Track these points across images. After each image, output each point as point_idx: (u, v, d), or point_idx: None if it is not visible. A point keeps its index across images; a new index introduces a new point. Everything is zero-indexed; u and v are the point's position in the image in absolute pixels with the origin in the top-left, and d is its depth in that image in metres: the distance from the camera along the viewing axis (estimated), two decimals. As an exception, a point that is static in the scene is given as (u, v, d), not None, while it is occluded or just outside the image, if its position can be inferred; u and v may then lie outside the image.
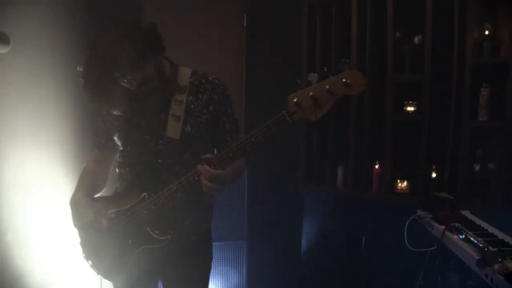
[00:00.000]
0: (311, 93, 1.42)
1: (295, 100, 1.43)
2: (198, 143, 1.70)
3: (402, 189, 2.99)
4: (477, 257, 1.83)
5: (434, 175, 2.90)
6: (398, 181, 3.00)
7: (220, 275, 3.18)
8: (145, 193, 1.67)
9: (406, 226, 2.32)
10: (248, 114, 3.41)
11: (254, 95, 3.41)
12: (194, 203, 1.74)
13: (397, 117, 2.95)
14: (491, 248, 1.91)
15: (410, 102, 2.93)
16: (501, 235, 2.12)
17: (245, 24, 3.35)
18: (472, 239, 2.05)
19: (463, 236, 2.08)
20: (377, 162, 3.02)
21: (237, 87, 3.39)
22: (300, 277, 3.46)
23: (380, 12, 2.92)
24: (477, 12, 2.75)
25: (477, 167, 2.79)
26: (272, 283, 3.41)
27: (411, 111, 2.93)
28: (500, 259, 1.77)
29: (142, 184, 1.69)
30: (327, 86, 1.41)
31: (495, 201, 2.72)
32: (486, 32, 2.75)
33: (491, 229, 2.20)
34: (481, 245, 1.97)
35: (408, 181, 2.99)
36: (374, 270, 3.02)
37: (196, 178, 1.54)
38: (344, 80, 1.40)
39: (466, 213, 2.47)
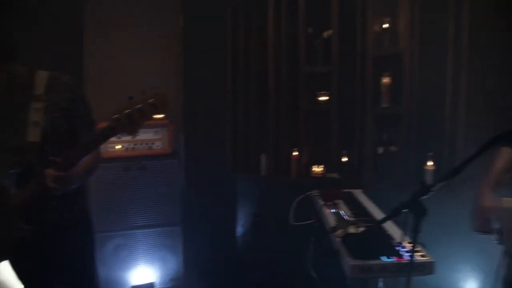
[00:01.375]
0: (127, 111, 1.60)
1: (115, 116, 1.60)
2: (57, 143, 1.82)
3: (317, 173, 3.20)
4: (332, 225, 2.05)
5: (345, 159, 3.12)
6: (314, 166, 3.21)
7: (158, 260, 3.36)
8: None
9: (294, 204, 2.54)
10: (187, 110, 3.64)
11: (193, 92, 3.64)
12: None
13: (311, 107, 3.17)
14: (348, 218, 2.14)
15: (323, 92, 3.14)
16: (375, 210, 2.32)
17: (181, 25, 3.57)
18: (341, 212, 2.27)
19: (335, 210, 2.30)
20: (295, 149, 3.23)
21: (175, 87, 3.60)
22: (236, 259, 3.69)
23: (293, 10, 3.14)
24: (378, 7, 2.97)
25: (380, 150, 3.01)
26: (208, 266, 3.64)
27: (324, 101, 3.15)
28: (347, 226, 2.00)
29: None
30: (138, 106, 1.61)
31: (399, 181, 2.92)
32: (386, 26, 2.97)
33: (368, 205, 2.41)
34: (345, 217, 2.19)
35: (323, 165, 3.20)
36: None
37: (42, 181, 1.67)
38: (150, 101, 1.60)
39: (358, 191, 2.69)
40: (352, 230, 1.95)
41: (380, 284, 2.02)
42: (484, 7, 2.80)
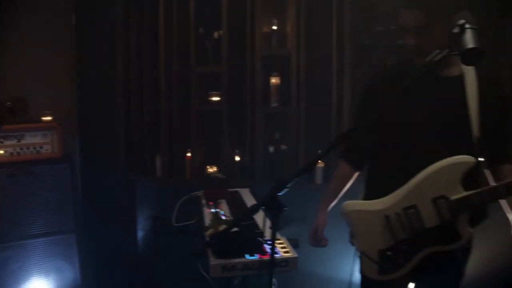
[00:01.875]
0: None
1: None
2: None
3: (212, 173, 3.19)
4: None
5: (237, 158, 3.13)
6: (208, 166, 3.20)
7: (53, 271, 3.12)
8: None
9: (177, 205, 2.50)
10: (81, 112, 3.47)
11: (86, 93, 3.46)
12: None
13: (204, 107, 3.15)
14: (225, 217, 2.14)
15: (214, 92, 3.14)
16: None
17: (73, 23, 3.39)
18: (221, 211, 2.28)
19: (214, 210, 2.30)
20: (189, 150, 3.20)
21: (68, 87, 3.42)
22: (137, 264, 3.59)
23: (184, 10, 3.10)
24: (266, 9, 3.02)
25: (271, 149, 3.06)
26: (108, 273, 3.50)
27: (216, 101, 3.14)
28: (219, 225, 2.00)
29: None
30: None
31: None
32: (274, 27, 3.02)
33: (250, 204, 2.43)
34: (223, 217, 2.19)
35: (217, 166, 3.20)
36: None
37: None
38: (7, 105, 1.56)
39: (245, 191, 2.71)
40: (220, 227, 1.96)
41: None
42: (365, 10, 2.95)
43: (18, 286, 3.02)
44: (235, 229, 1.98)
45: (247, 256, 1.78)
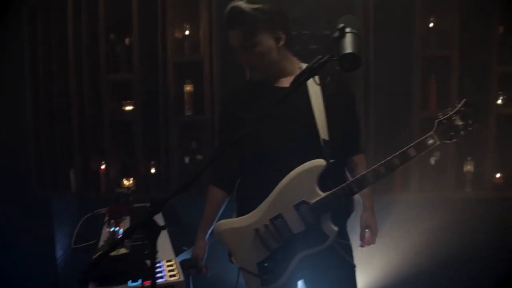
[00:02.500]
0: None
1: None
2: None
3: (128, 186, 3.04)
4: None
5: (153, 170, 3.00)
6: (124, 179, 3.05)
7: None
8: None
9: (78, 225, 2.35)
10: None
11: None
12: None
13: (117, 117, 3.00)
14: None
15: (127, 101, 3.00)
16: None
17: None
18: (120, 230, 2.14)
19: (113, 229, 2.15)
20: (103, 162, 3.04)
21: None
22: (57, 283, 3.39)
23: (94, 15, 2.95)
24: (178, 14, 2.91)
25: (186, 160, 2.94)
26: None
27: (129, 110, 3.00)
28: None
29: None
30: None
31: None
32: (187, 32, 2.92)
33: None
34: (115, 236, 2.06)
35: (133, 178, 3.05)
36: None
37: None
38: None
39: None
40: (114, 252, 1.81)
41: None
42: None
43: None
44: (124, 251, 1.87)
45: (130, 283, 1.64)
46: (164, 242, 2.01)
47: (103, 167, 3.04)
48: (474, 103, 1.63)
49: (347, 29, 1.36)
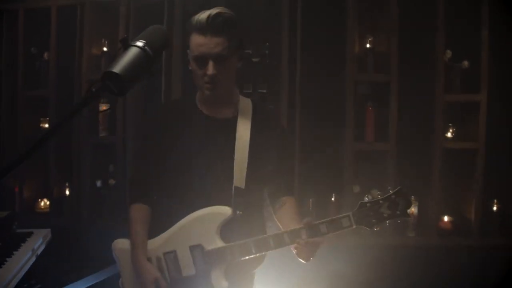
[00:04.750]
0: None
1: None
2: None
3: (43, 208, 2.91)
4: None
5: (68, 192, 2.85)
6: (39, 199, 2.92)
7: None
8: None
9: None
10: None
11: None
12: None
13: (34, 134, 2.88)
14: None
15: (46, 118, 2.88)
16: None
17: None
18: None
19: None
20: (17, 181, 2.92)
21: None
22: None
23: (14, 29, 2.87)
24: (97, 29, 2.78)
25: (98, 183, 2.76)
26: None
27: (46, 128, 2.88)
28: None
29: None
30: None
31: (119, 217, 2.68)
32: (105, 49, 2.78)
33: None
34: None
35: (49, 200, 2.91)
36: None
37: None
38: None
39: (44, 231, 2.39)
40: None
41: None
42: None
43: None
44: None
45: None
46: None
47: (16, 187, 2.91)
48: (407, 195, 1.50)
49: (135, 42, 1.02)
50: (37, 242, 2.21)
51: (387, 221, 1.51)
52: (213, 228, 1.53)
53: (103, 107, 2.75)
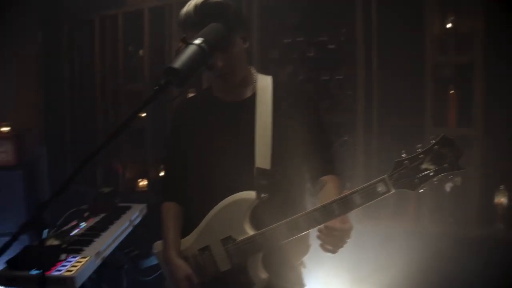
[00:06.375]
0: None
1: None
2: None
3: (143, 187, 3.27)
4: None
5: (162, 173, 3.17)
6: (139, 180, 3.29)
7: None
8: None
9: (63, 218, 2.58)
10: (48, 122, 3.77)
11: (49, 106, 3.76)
12: None
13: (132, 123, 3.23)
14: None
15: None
16: (116, 226, 2.34)
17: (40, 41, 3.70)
18: (82, 225, 2.33)
19: (79, 223, 2.35)
20: (120, 164, 3.32)
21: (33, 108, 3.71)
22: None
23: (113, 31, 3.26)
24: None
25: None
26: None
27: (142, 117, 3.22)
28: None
29: None
30: None
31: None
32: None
33: (118, 222, 2.42)
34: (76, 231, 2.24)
35: (147, 180, 3.27)
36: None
37: None
38: None
39: (140, 206, 2.71)
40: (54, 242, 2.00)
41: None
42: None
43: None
44: (53, 242, 2.04)
45: (32, 271, 1.80)
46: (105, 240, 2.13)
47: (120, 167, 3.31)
48: (453, 141, 1.25)
49: (193, 40, 1.17)
50: (134, 215, 2.56)
51: (435, 179, 1.25)
52: (240, 216, 1.44)
53: (190, 94, 2.99)
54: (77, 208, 2.70)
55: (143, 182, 3.27)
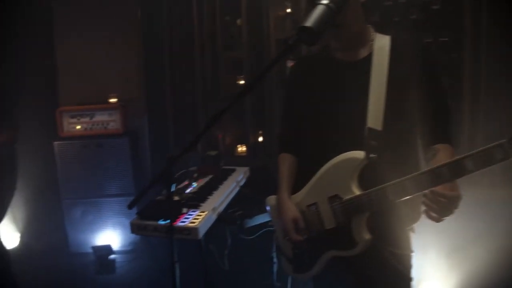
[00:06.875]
0: None
1: None
2: None
3: (241, 152, 3.44)
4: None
5: (261, 139, 3.31)
6: (238, 145, 3.45)
7: (119, 226, 3.63)
8: None
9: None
10: (150, 93, 4.03)
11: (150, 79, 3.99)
12: None
13: (231, 91, 3.39)
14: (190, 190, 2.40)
15: (242, 76, 3.35)
16: (224, 188, 2.50)
17: (139, 18, 3.91)
18: (194, 185, 2.52)
19: (190, 182, 2.54)
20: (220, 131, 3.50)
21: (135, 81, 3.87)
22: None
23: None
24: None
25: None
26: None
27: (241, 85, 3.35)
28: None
29: None
30: None
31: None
32: (288, 10, 3.07)
33: (226, 183, 2.59)
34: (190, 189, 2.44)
35: (246, 146, 3.43)
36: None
37: None
38: None
39: (243, 169, 2.86)
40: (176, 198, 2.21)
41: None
42: None
43: (91, 234, 3.75)
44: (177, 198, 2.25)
45: (160, 221, 2.01)
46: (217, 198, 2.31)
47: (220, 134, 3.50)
48: None
49: (321, 1, 1.22)
50: (239, 176, 2.71)
51: None
52: (348, 176, 1.45)
53: (291, 63, 3.06)
54: (186, 170, 2.92)
55: (242, 148, 3.43)
